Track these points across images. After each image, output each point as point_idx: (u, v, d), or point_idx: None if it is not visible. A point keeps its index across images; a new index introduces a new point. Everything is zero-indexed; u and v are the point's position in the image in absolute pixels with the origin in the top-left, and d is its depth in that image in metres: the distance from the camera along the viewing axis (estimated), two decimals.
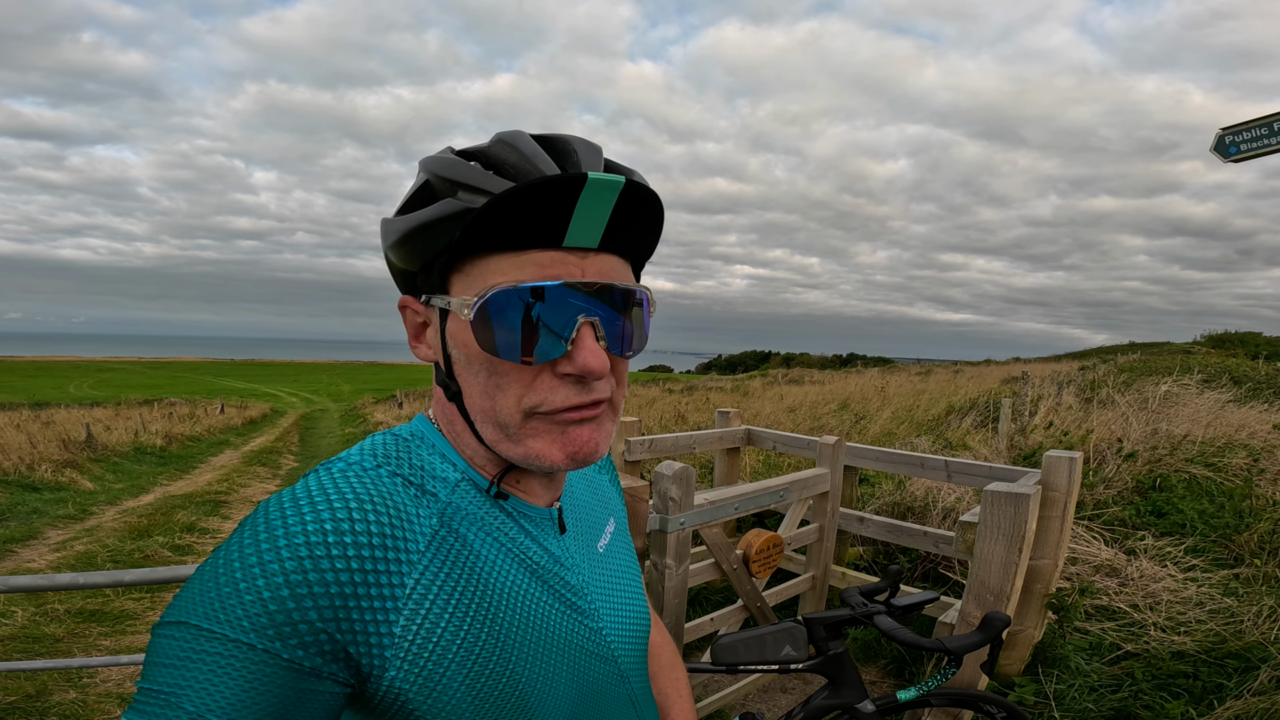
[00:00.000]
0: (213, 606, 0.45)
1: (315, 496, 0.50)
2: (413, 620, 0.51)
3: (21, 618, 4.19)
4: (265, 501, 0.51)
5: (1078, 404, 8.23)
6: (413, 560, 0.52)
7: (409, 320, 0.61)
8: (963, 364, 27.80)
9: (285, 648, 0.45)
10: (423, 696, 0.51)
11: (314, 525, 0.48)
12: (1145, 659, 2.52)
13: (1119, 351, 22.13)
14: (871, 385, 16.08)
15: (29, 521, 6.92)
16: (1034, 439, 6.60)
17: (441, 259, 0.55)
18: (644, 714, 0.74)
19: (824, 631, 1.74)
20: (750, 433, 4.40)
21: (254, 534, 0.48)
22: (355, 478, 0.53)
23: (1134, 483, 4.51)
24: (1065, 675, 2.48)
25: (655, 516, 2.31)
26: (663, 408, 13.93)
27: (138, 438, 13.12)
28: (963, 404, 11.04)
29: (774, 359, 74.60)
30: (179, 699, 0.43)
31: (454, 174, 0.54)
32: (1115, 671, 2.49)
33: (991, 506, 2.19)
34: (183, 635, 0.45)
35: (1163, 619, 2.75)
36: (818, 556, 3.22)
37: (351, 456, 0.56)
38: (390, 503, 0.53)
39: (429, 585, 0.53)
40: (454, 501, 0.58)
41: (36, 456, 9.52)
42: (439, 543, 0.55)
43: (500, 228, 0.52)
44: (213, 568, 0.48)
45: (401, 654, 0.50)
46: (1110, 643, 2.68)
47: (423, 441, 0.61)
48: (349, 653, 0.48)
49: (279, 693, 0.45)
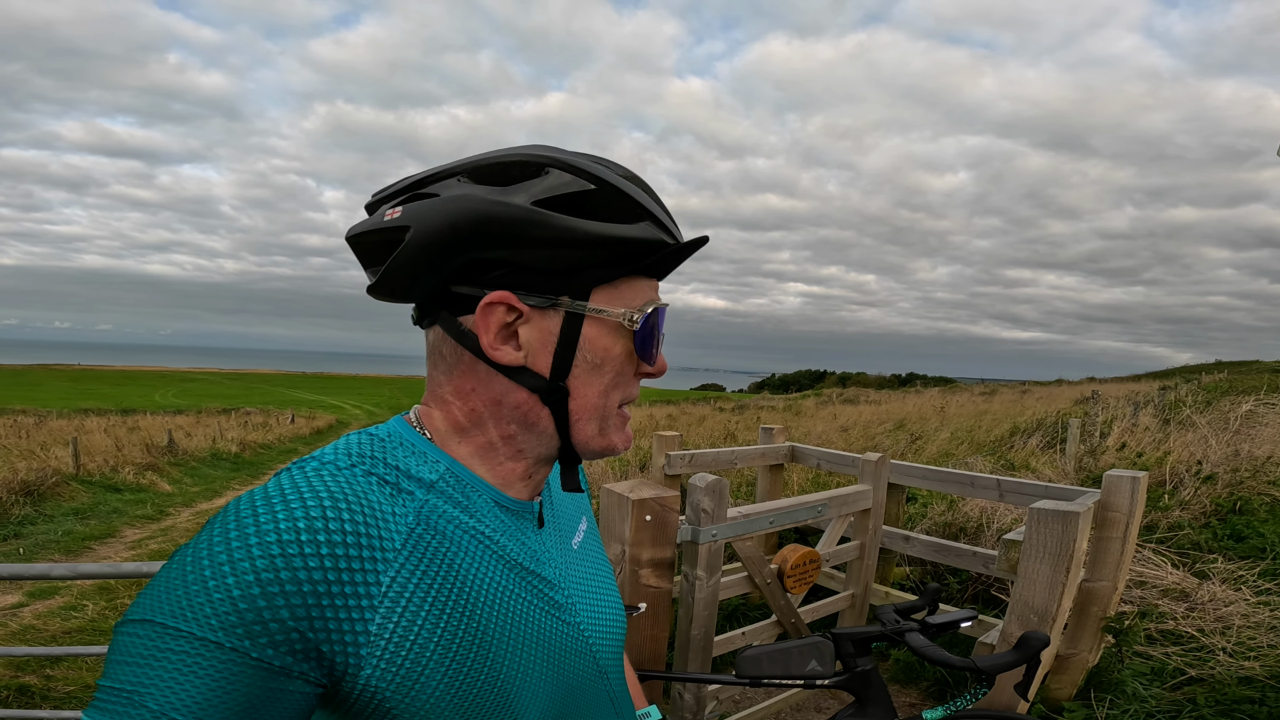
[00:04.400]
0: (179, 604, 0.44)
1: (288, 494, 0.49)
2: (389, 618, 0.51)
3: (92, 610, 4.49)
4: (235, 500, 0.51)
5: (1155, 425, 7.74)
6: (389, 558, 0.52)
7: (497, 319, 0.58)
8: (1031, 384, 26.61)
9: (254, 646, 0.45)
10: (400, 695, 0.51)
11: (286, 523, 0.48)
12: (1210, 684, 2.39)
13: (1204, 370, 20.73)
14: (930, 405, 15.56)
15: (109, 520, 7.41)
16: (1105, 460, 6.24)
17: (597, 271, 0.58)
18: (622, 710, 0.74)
19: (852, 647, 1.69)
20: (794, 449, 4.32)
21: (224, 532, 0.47)
22: (330, 476, 0.52)
23: (1212, 506, 4.24)
24: (1120, 700, 2.36)
25: (687, 528, 2.29)
26: (712, 426, 13.83)
27: (215, 444, 13.90)
28: (1028, 425, 10.56)
29: (829, 378, 73.05)
30: (142, 697, 0.42)
31: (640, 199, 0.59)
32: (1176, 697, 2.36)
33: (1037, 524, 2.08)
34: (147, 633, 0.44)
35: (1232, 644, 2.60)
36: (858, 574, 3.12)
37: (325, 455, 0.56)
38: (365, 501, 0.52)
39: (405, 582, 0.52)
40: (431, 499, 0.57)
41: (121, 459, 10.21)
42: (415, 540, 0.54)
43: (663, 263, 0.62)
44: (180, 565, 0.47)
45: (379, 652, 0.50)
46: (1174, 668, 2.55)
47: (400, 442, 0.60)
48: (322, 651, 0.48)
49: (247, 692, 0.44)
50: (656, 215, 0.60)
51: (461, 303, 0.59)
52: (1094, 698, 2.40)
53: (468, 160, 0.59)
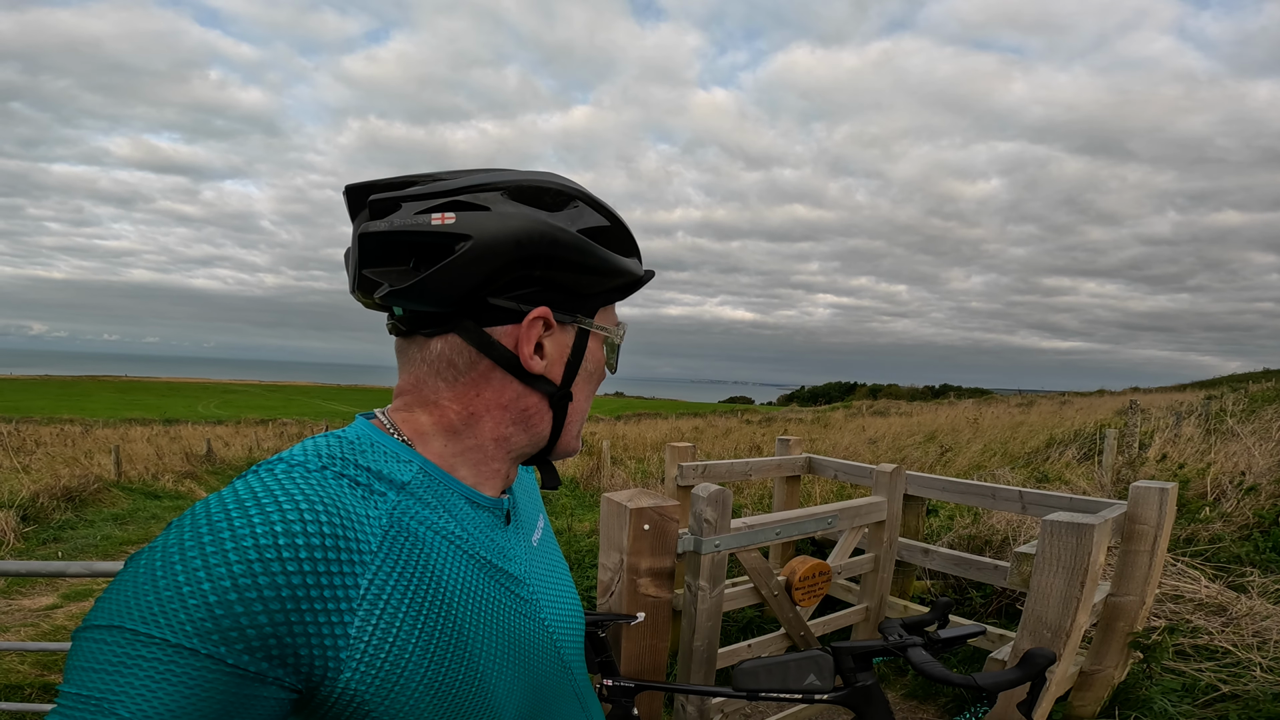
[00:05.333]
0: (150, 610, 0.43)
1: (262, 498, 0.49)
2: (368, 620, 0.51)
3: None
4: (203, 502, 0.49)
5: (1199, 435, 7.43)
6: (365, 561, 0.51)
7: (534, 331, 0.62)
8: (1071, 395, 25.82)
9: (230, 653, 0.44)
10: (380, 696, 0.51)
11: (263, 527, 0.47)
12: (1243, 701, 2.27)
13: (1251, 379, 19.84)
14: (964, 417, 15.20)
15: (146, 526, 7.64)
16: (1144, 472, 6.01)
17: (606, 296, 0.68)
18: (588, 705, 0.75)
19: (852, 662, 1.63)
20: (811, 461, 4.24)
21: (195, 535, 0.46)
22: (301, 479, 0.52)
23: (1255, 518, 4.04)
24: (1146, 717, 2.26)
25: (690, 538, 2.26)
26: (739, 438, 13.71)
27: (251, 453, 14.29)
28: (1065, 436, 10.22)
29: (859, 390, 71.92)
30: (112, 705, 0.41)
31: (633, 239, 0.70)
32: (1207, 714, 2.25)
33: (1051, 537, 2.00)
34: (115, 639, 0.43)
35: (1269, 659, 2.47)
36: (872, 587, 3.04)
37: (295, 457, 0.55)
38: (339, 504, 0.52)
39: (383, 584, 0.52)
40: (402, 501, 0.57)
41: (161, 467, 10.55)
42: (390, 542, 0.54)
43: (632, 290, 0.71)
44: (148, 570, 0.45)
45: (358, 655, 0.50)
46: (1207, 684, 2.43)
47: (370, 444, 0.59)
48: (300, 656, 0.47)
49: (221, 699, 0.44)
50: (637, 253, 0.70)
51: (495, 314, 0.61)
52: (1119, 715, 2.30)
53: (497, 176, 0.61)
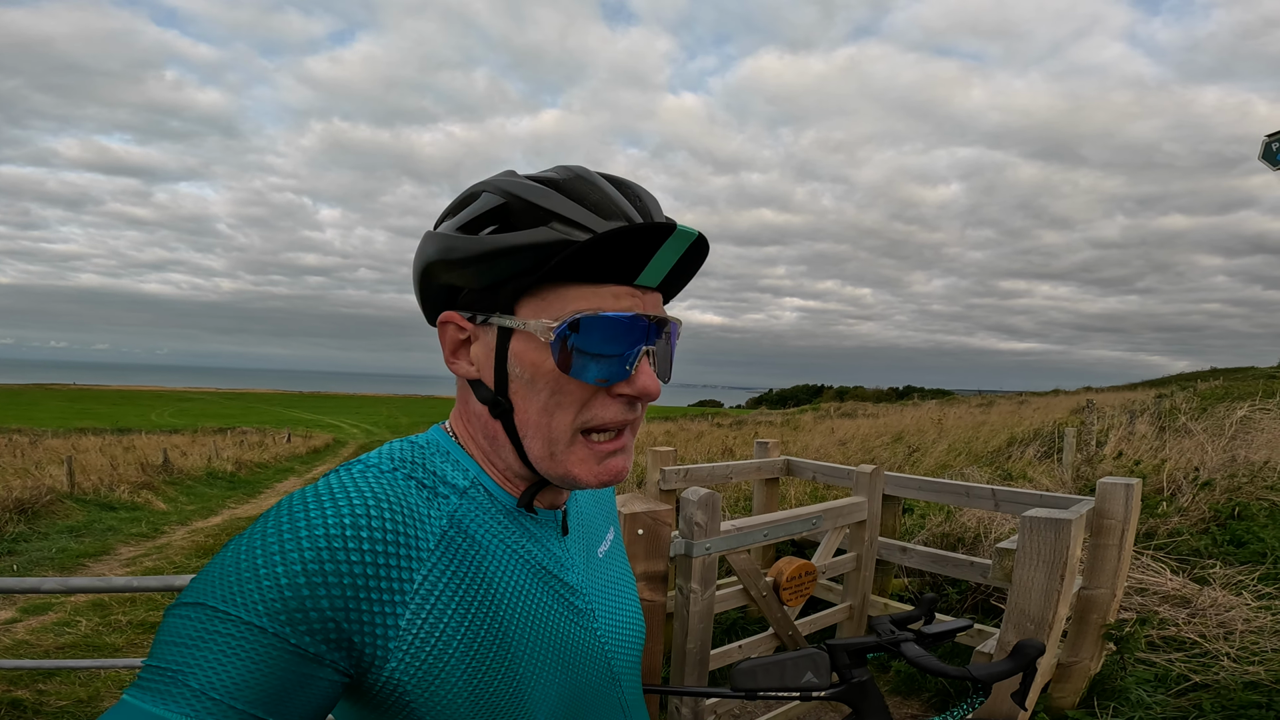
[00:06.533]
0: (231, 589, 0.47)
1: (336, 493, 0.53)
2: (418, 614, 0.54)
3: (85, 627, 4.43)
4: (289, 495, 0.55)
5: (1152, 433, 7.75)
6: (422, 557, 0.55)
7: (449, 336, 0.62)
8: (1028, 395, 26.61)
9: (294, 633, 0.47)
10: (421, 689, 0.54)
11: (334, 519, 0.51)
12: (1215, 690, 2.38)
13: (1199, 378, 20.77)
14: (928, 418, 15.55)
15: (103, 538, 7.35)
16: (1102, 469, 6.24)
17: (515, 282, 0.57)
18: (633, 718, 0.74)
19: (847, 658, 1.67)
20: (789, 463, 4.32)
21: (277, 525, 0.51)
22: (374, 478, 0.56)
23: (1210, 512, 4.24)
24: (1124, 708, 2.35)
25: (680, 541, 2.29)
26: (710, 442, 13.79)
27: (210, 463, 13.82)
28: (1026, 435, 10.55)
29: (826, 393, 73.04)
30: (185, 676, 0.45)
31: (548, 203, 0.56)
32: (1181, 704, 2.35)
33: (1030, 533, 2.08)
34: (197, 615, 0.47)
35: (1235, 649, 2.59)
36: (855, 586, 3.11)
37: (370, 459, 0.60)
38: (404, 503, 0.56)
39: (435, 581, 0.55)
40: (463, 505, 0.61)
41: (116, 478, 10.14)
42: (448, 542, 0.58)
43: (592, 262, 0.56)
44: (234, 554, 0.50)
45: (405, 646, 0.53)
46: (1178, 674, 2.54)
47: (437, 450, 0.64)
48: (353, 642, 0.51)
49: (281, 675, 0.47)
50: (569, 216, 0.55)
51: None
52: (1097, 705, 2.39)
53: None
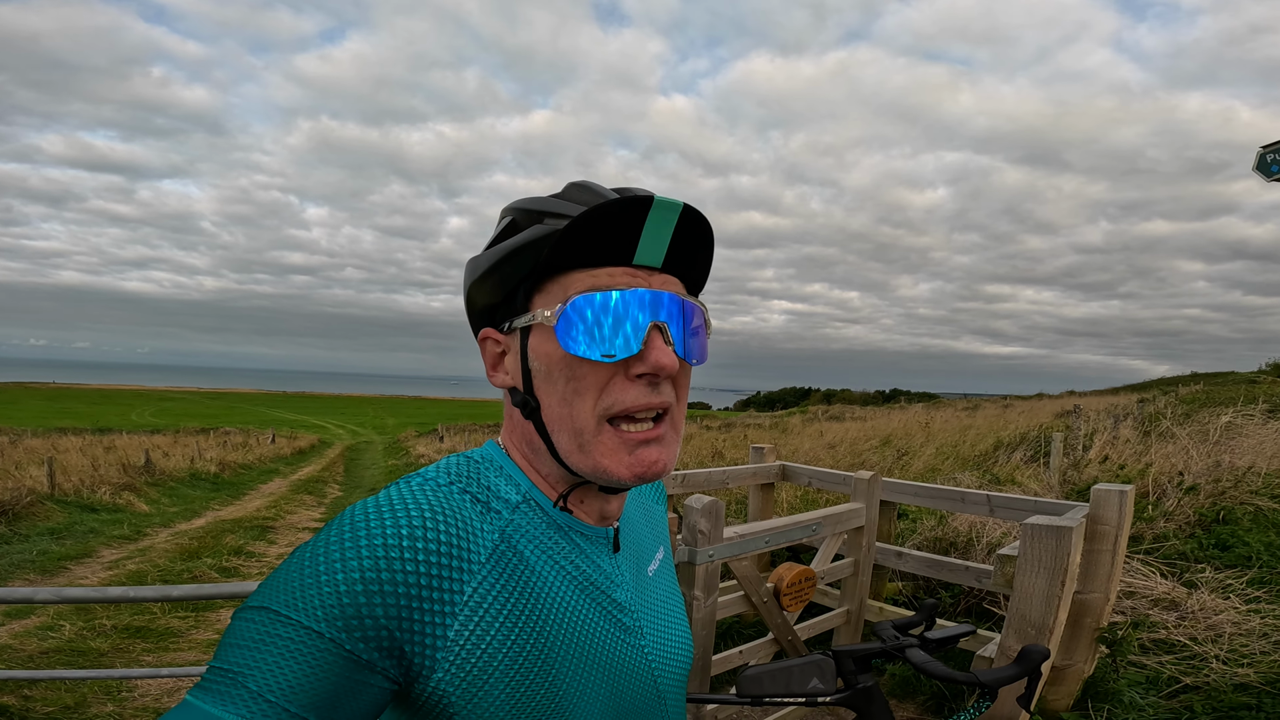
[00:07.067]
0: (294, 595, 0.49)
1: (396, 505, 0.55)
2: (466, 626, 0.55)
3: (69, 631, 4.33)
4: (352, 506, 0.57)
5: (1136, 437, 7.85)
6: (473, 570, 0.57)
7: (489, 352, 0.67)
8: (1013, 398, 26.88)
9: (349, 639, 0.49)
10: (465, 700, 0.54)
11: (392, 530, 0.53)
12: (1205, 692, 2.42)
13: (1180, 382, 21.09)
14: (915, 421, 15.65)
15: (85, 540, 7.22)
16: (1088, 473, 6.31)
17: (526, 284, 0.62)
18: None
19: (853, 664, 1.68)
20: (785, 468, 4.33)
21: (339, 534, 0.53)
22: (431, 492, 0.59)
23: (1196, 516, 4.30)
24: (1118, 710, 2.38)
25: (684, 549, 2.29)
26: (700, 444, 13.80)
27: (193, 464, 13.64)
28: (1012, 439, 10.65)
29: (814, 395, 73.42)
30: (245, 678, 0.46)
31: (537, 205, 0.62)
32: (1173, 705, 2.39)
33: (1032, 540, 2.10)
34: (262, 619, 0.49)
35: (1225, 651, 2.63)
36: (853, 591, 3.13)
37: (428, 473, 0.62)
38: (458, 516, 0.58)
39: (485, 594, 0.57)
40: (515, 520, 0.62)
41: (97, 479, 9.97)
42: (498, 556, 0.59)
43: (579, 246, 0.59)
44: (299, 561, 0.52)
45: (452, 657, 0.54)
46: (1169, 676, 2.58)
47: (491, 464, 0.66)
48: (404, 651, 0.52)
49: (335, 680, 0.48)
50: (558, 210, 0.59)
51: None
52: (1091, 708, 2.42)
53: None
